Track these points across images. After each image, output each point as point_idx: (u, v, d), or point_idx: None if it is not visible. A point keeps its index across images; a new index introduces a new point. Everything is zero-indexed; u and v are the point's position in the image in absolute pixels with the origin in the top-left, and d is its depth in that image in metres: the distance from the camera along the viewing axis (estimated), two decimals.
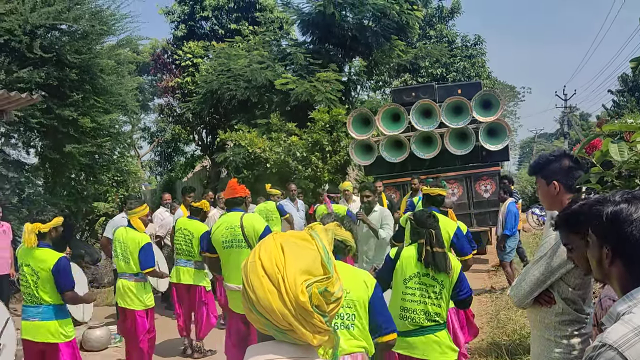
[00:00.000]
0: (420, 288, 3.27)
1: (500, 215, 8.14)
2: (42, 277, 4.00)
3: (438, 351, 3.23)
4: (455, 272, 3.28)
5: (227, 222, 4.43)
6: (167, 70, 17.85)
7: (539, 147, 53.42)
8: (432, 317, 3.24)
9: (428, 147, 10.75)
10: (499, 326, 6.31)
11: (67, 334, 4.12)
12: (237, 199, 4.58)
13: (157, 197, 17.26)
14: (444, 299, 3.27)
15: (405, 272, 3.32)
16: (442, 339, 3.26)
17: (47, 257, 4.02)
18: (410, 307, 3.27)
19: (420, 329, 3.24)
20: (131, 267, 5.11)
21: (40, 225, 4.04)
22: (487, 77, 25.07)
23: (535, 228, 15.86)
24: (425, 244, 3.25)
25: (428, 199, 4.84)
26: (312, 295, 1.07)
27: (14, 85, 8.55)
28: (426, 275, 3.26)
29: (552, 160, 2.59)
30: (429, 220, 3.35)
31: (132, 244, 5.11)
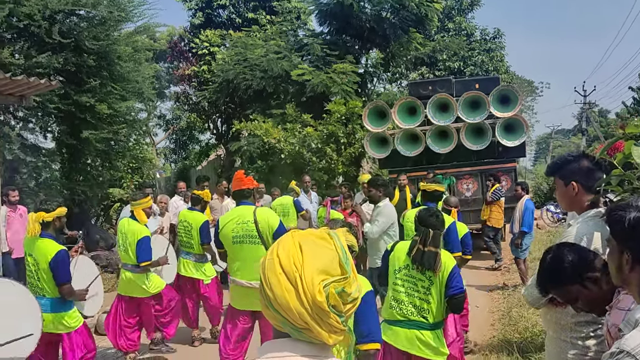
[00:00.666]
0: (408, 280, 3.30)
1: (517, 213, 8.03)
2: (42, 268, 3.99)
3: (420, 349, 3.23)
4: (447, 269, 3.27)
5: (238, 217, 4.17)
6: (184, 58, 17.89)
7: (556, 143, 52.83)
8: (421, 312, 3.25)
9: (444, 141, 10.66)
10: (510, 323, 6.26)
11: (70, 325, 4.12)
12: (244, 191, 4.30)
13: (172, 185, 17.39)
14: (434, 296, 3.25)
15: (396, 263, 3.37)
16: (426, 338, 3.24)
17: (47, 248, 3.99)
18: (399, 297, 3.31)
19: (406, 322, 3.26)
20: (131, 258, 5.14)
21: (44, 215, 4.01)
22: (506, 72, 24.78)
23: (549, 225, 15.70)
24: (418, 242, 3.28)
25: (424, 195, 4.79)
26: (329, 295, 1.06)
27: (33, 70, 8.63)
28: (415, 269, 3.28)
29: (570, 161, 2.55)
30: (431, 220, 3.35)
31: (132, 236, 5.11)
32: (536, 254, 10.52)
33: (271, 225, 4.08)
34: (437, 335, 3.29)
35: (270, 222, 4.10)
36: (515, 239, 8.02)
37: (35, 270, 4.02)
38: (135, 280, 5.15)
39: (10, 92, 6.01)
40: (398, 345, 3.27)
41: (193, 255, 5.98)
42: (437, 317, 3.28)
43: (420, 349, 3.23)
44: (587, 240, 2.37)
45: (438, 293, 3.25)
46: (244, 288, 4.12)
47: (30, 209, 8.41)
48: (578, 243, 2.37)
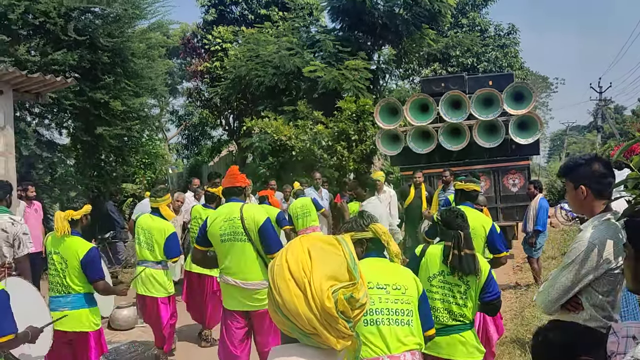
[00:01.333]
0: (444, 287, 3.18)
1: (531, 211, 7.96)
2: (71, 265, 3.97)
3: (464, 351, 3.15)
4: (484, 274, 3.15)
5: (226, 214, 4.03)
6: (197, 55, 17.96)
7: (571, 140, 52.24)
8: (456, 316, 3.16)
9: (456, 139, 10.60)
10: (523, 323, 6.23)
11: (97, 322, 4.11)
12: (235, 189, 4.15)
13: (184, 181, 17.50)
14: (470, 299, 3.16)
15: (430, 270, 3.22)
16: (467, 339, 3.17)
17: (78, 246, 3.98)
18: (434, 305, 3.17)
19: (444, 328, 3.16)
20: (155, 255, 5.12)
21: (72, 213, 4.02)
22: (520, 68, 24.50)
23: (563, 223, 15.56)
24: (452, 247, 3.13)
25: (463, 195, 4.68)
26: (337, 301, 1.07)
27: (49, 67, 8.73)
28: (451, 274, 3.16)
29: (581, 164, 2.53)
30: (457, 221, 3.21)
31: (158, 232, 5.10)
32: (550, 253, 10.47)
33: (257, 221, 3.93)
34: (473, 333, 3.25)
35: (255, 218, 3.95)
36: (529, 237, 7.97)
37: (62, 268, 3.98)
38: (157, 277, 5.14)
39: (26, 89, 6.09)
40: (441, 355, 3.17)
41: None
42: (472, 316, 3.22)
43: (464, 352, 3.16)
44: (599, 249, 2.35)
45: (474, 296, 3.17)
46: (234, 287, 4.00)
47: (45, 205, 8.53)
48: (590, 250, 2.35)
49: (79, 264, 3.95)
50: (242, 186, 4.18)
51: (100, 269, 4.08)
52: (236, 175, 4.17)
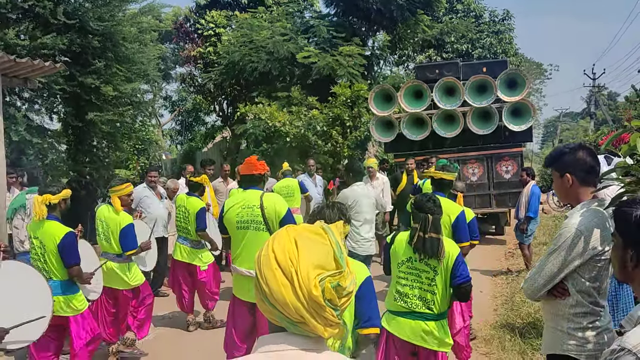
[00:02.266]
0: (412, 273, 3.23)
1: (523, 198, 8.00)
2: (49, 250, 3.96)
3: (424, 340, 3.20)
4: (451, 258, 3.18)
5: (245, 201, 4.00)
6: (189, 39, 17.78)
7: (564, 126, 52.45)
8: (425, 303, 3.20)
9: (450, 125, 10.60)
10: (513, 308, 6.29)
11: (76, 308, 4.10)
12: (255, 176, 4.13)
13: (177, 167, 17.44)
14: (438, 286, 3.18)
15: (398, 256, 3.30)
16: (431, 329, 3.19)
17: (55, 230, 3.97)
18: (403, 291, 3.25)
19: (410, 313, 3.22)
20: (113, 248, 4.97)
21: (50, 197, 3.97)
22: (514, 54, 24.46)
23: (555, 210, 15.67)
24: (418, 229, 3.19)
25: (434, 183, 4.69)
26: (325, 289, 1.08)
27: (38, 51, 8.60)
28: (419, 261, 3.21)
29: (565, 153, 2.56)
30: (428, 205, 3.26)
31: (113, 224, 4.93)
32: (541, 239, 10.54)
33: (278, 212, 3.93)
34: (441, 325, 3.25)
35: (277, 209, 3.94)
36: (520, 224, 8.01)
37: (42, 253, 3.99)
38: (116, 271, 4.98)
39: (15, 74, 6.00)
40: (402, 337, 3.24)
41: (190, 242, 5.91)
42: (442, 307, 3.24)
43: (425, 340, 3.20)
44: (585, 236, 2.37)
45: (443, 283, 3.19)
46: (244, 277, 3.98)
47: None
48: (576, 237, 2.37)
49: (56, 248, 3.94)
50: (261, 173, 4.16)
51: (76, 254, 4.04)
52: (255, 163, 4.14)
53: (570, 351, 2.43)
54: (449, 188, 4.71)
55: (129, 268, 5.06)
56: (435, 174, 4.67)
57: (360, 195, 5.64)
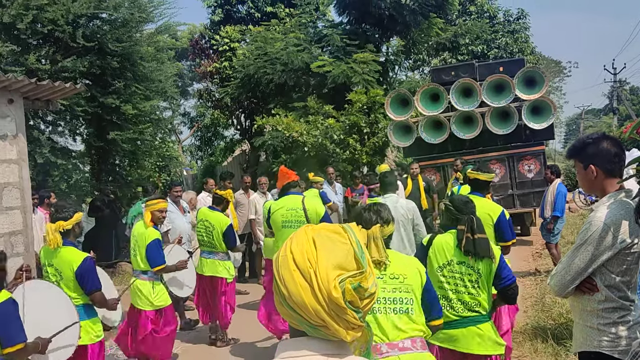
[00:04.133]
0: (454, 277, 3.12)
1: (549, 196, 7.83)
2: (66, 277, 3.81)
3: (481, 345, 3.07)
4: (496, 259, 3.10)
5: (289, 204, 4.80)
6: (205, 56, 17.99)
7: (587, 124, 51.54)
8: (470, 306, 3.09)
9: (468, 127, 10.50)
10: (544, 310, 6.15)
11: (96, 334, 3.94)
12: (292, 183, 4.97)
13: (199, 182, 17.59)
14: (483, 288, 3.09)
15: (438, 259, 3.17)
16: (485, 331, 3.08)
17: (71, 257, 3.82)
18: (447, 295, 3.13)
19: (460, 320, 3.09)
20: (138, 264, 4.91)
21: (62, 223, 3.82)
22: (531, 53, 24.19)
23: (582, 208, 15.38)
24: (465, 231, 3.09)
25: (473, 184, 4.62)
26: (345, 291, 1.04)
27: (59, 75, 8.79)
28: (461, 264, 3.10)
29: (589, 144, 2.49)
30: (469, 206, 3.21)
31: (141, 239, 4.87)
32: (569, 238, 10.33)
33: (318, 213, 4.72)
34: (491, 325, 3.16)
35: (317, 210, 4.76)
36: (547, 223, 7.86)
37: (57, 280, 3.84)
38: (140, 288, 4.89)
39: (36, 97, 6.14)
40: (458, 348, 3.10)
41: (217, 254, 5.83)
42: (487, 307, 3.14)
43: (482, 345, 3.07)
44: (613, 228, 2.30)
45: (486, 285, 3.11)
46: None
47: None
48: (604, 230, 2.30)
49: (74, 275, 3.79)
50: (295, 179, 5.03)
51: (97, 279, 3.88)
52: (288, 173, 5.04)
53: (603, 348, 2.36)
54: (486, 189, 4.65)
55: (154, 287, 4.92)
56: (470, 174, 4.64)
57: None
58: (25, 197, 5.96)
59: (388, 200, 5.24)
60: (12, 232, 5.83)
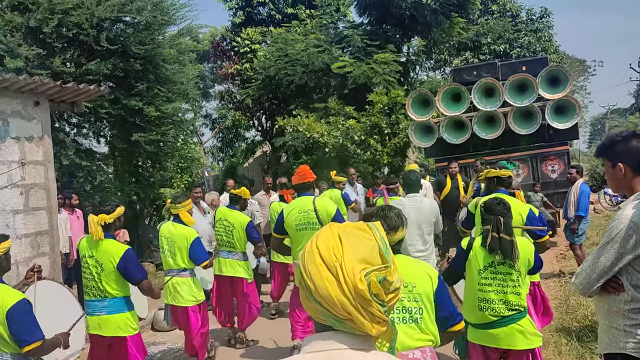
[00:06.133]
0: (496, 277, 3.16)
1: (572, 196, 7.70)
2: (107, 269, 3.91)
3: (523, 340, 3.15)
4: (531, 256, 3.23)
5: (300, 206, 4.71)
6: (227, 57, 18.14)
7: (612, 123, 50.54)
8: (512, 306, 3.15)
9: (491, 127, 10.39)
10: (568, 311, 6.05)
11: (135, 327, 4.06)
12: (306, 184, 4.85)
13: (220, 183, 17.72)
14: (522, 286, 3.17)
15: (479, 262, 3.20)
16: (525, 327, 3.17)
17: (113, 249, 3.94)
18: (487, 297, 3.16)
19: (501, 320, 3.14)
20: (178, 263, 5.00)
21: (105, 217, 3.96)
22: (555, 52, 23.82)
23: (607, 209, 15.07)
24: (491, 230, 3.15)
25: (497, 182, 4.67)
26: (370, 283, 1.06)
27: (84, 77, 8.95)
28: (502, 264, 3.15)
29: (618, 141, 2.45)
30: (498, 207, 3.24)
31: (180, 239, 4.97)
32: (594, 239, 10.13)
33: (329, 212, 4.64)
34: (529, 319, 3.24)
35: (328, 210, 4.67)
36: (571, 224, 7.72)
37: (98, 272, 3.94)
38: (182, 286, 5.00)
39: (61, 99, 6.26)
40: (501, 345, 3.16)
41: (236, 254, 5.78)
42: (524, 301, 3.23)
43: (524, 340, 3.15)
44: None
45: (526, 281, 3.23)
46: None
47: (85, 212, 8.76)
48: (631, 229, 2.26)
49: (115, 268, 3.90)
50: (311, 181, 4.88)
51: (141, 268, 4.05)
52: (305, 173, 4.88)
53: (629, 350, 2.30)
54: (508, 185, 4.68)
55: (194, 282, 5.08)
56: (490, 172, 4.69)
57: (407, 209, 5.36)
58: (51, 197, 6.09)
59: (412, 200, 5.18)
60: (38, 232, 5.95)
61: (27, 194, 5.85)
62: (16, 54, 8.37)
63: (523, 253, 3.17)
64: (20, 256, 5.76)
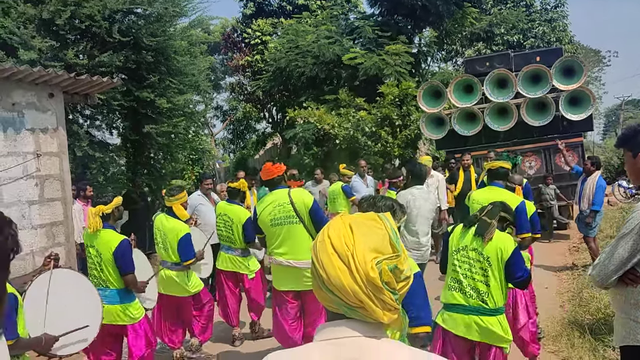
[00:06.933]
0: (466, 262, 3.21)
1: (587, 189, 7.56)
2: (105, 258, 4.02)
3: (479, 334, 3.13)
4: (506, 252, 3.12)
5: (275, 200, 4.31)
6: (237, 49, 18.16)
7: (627, 115, 49.90)
8: (480, 296, 3.13)
9: (503, 118, 10.30)
10: (581, 304, 6.01)
11: (134, 316, 4.13)
12: (275, 179, 4.45)
13: (231, 175, 17.80)
14: (493, 279, 3.11)
15: (454, 244, 3.30)
16: (486, 324, 3.11)
17: (110, 238, 4.03)
18: (458, 278, 3.22)
19: (464, 307, 3.16)
20: (170, 257, 4.99)
21: (103, 207, 4.06)
22: (569, 42, 23.55)
23: (622, 201, 14.93)
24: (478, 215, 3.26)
25: (490, 174, 4.67)
26: (382, 271, 1.07)
27: (96, 69, 9.01)
28: (474, 250, 3.18)
29: (639, 132, 2.41)
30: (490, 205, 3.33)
31: (171, 234, 4.94)
32: (608, 232, 10.04)
33: (306, 204, 4.24)
34: (498, 321, 3.16)
35: (305, 201, 4.26)
36: (585, 217, 7.63)
37: (99, 262, 4.06)
38: (175, 279, 5.00)
39: (75, 91, 6.31)
40: (457, 332, 3.18)
41: (235, 250, 5.66)
42: (498, 301, 3.15)
43: (480, 335, 3.13)
44: None
45: (497, 276, 3.12)
46: (285, 268, 4.24)
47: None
48: None
49: (112, 256, 3.99)
50: (279, 174, 4.45)
51: (131, 262, 4.08)
52: (270, 169, 4.47)
53: None
54: (505, 178, 4.65)
55: (188, 276, 5.07)
56: (492, 164, 4.68)
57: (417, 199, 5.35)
58: (65, 188, 6.16)
59: (421, 191, 5.18)
60: (53, 223, 6.03)
61: (42, 185, 5.92)
62: (30, 46, 8.43)
63: (496, 242, 3.14)
64: (36, 246, 5.84)
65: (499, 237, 3.17)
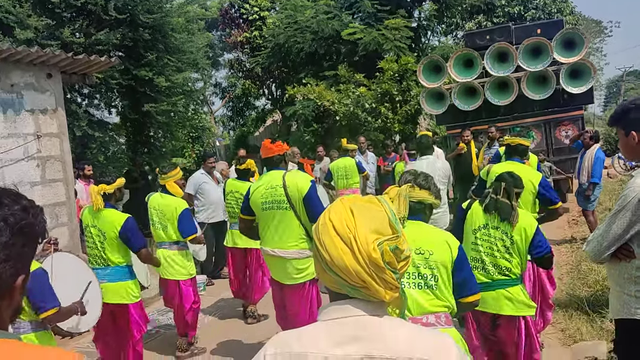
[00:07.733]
0: (488, 240, 3.19)
1: (586, 162, 7.62)
2: (109, 238, 4.02)
3: (510, 307, 3.15)
4: (530, 230, 3.14)
5: (268, 182, 3.93)
6: (235, 25, 17.96)
7: (628, 86, 49.59)
8: (502, 271, 3.16)
9: (503, 93, 10.25)
10: (579, 277, 6.09)
11: (136, 295, 4.15)
12: (274, 158, 4.06)
13: (231, 152, 17.80)
14: (516, 254, 3.14)
15: (474, 222, 3.25)
16: (514, 294, 3.15)
17: (114, 218, 4.04)
18: (479, 257, 3.21)
19: (490, 284, 3.15)
20: (170, 235, 4.78)
21: (105, 187, 4.09)
22: (571, 13, 23.25)
23: (621, 173, 14.95)
24: (491, 193, 3.21)
25: (510, 150, 4.67)
26: (383, 252, 1.11)
27: (93, 48, 8.94)
28: (496, 228, 3.17)
29: (630, 109, 2.44)
30: (506, 176, 3.27)
31: (169, 209, 4.74)
32: (607, 204, 10.09)
33: (300, 189, 3.79)
34: (522, 289, 3.22)
35: (299, 186, 3.80)
36: (583, 190, 7.68)
37: (101, 241, 4.05)
38: (175, 259, 4.81)
39: (73, 71, 6.28)
40: (488, 309, 3.17)
41: None
42: (519, 271, 3.21)
43: (510, 306, 3.16)
44: None
45: (519, 252, 3.16)
46: (272, 257, 3.95)
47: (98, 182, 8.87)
48: None
49: (117, 236, 4.01)
50: (280, 154, 4.07)
51: (141, 236, 4.11)
52: (270, 146, 4.08)
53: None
54: (524, 154, 4.68)
55: (187, 256, 4.91)
56: (513, 140, 4.67)
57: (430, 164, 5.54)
58: (66, 169, 6.18)
59: (424, 161, 5.41)
60: (56, 204, 6.07)
61: (44, 166, 5.94)
62: (26, 25, 8.36)
63: (520, 222, 3.15)
64: None
65: (521, 216, 3.18)
